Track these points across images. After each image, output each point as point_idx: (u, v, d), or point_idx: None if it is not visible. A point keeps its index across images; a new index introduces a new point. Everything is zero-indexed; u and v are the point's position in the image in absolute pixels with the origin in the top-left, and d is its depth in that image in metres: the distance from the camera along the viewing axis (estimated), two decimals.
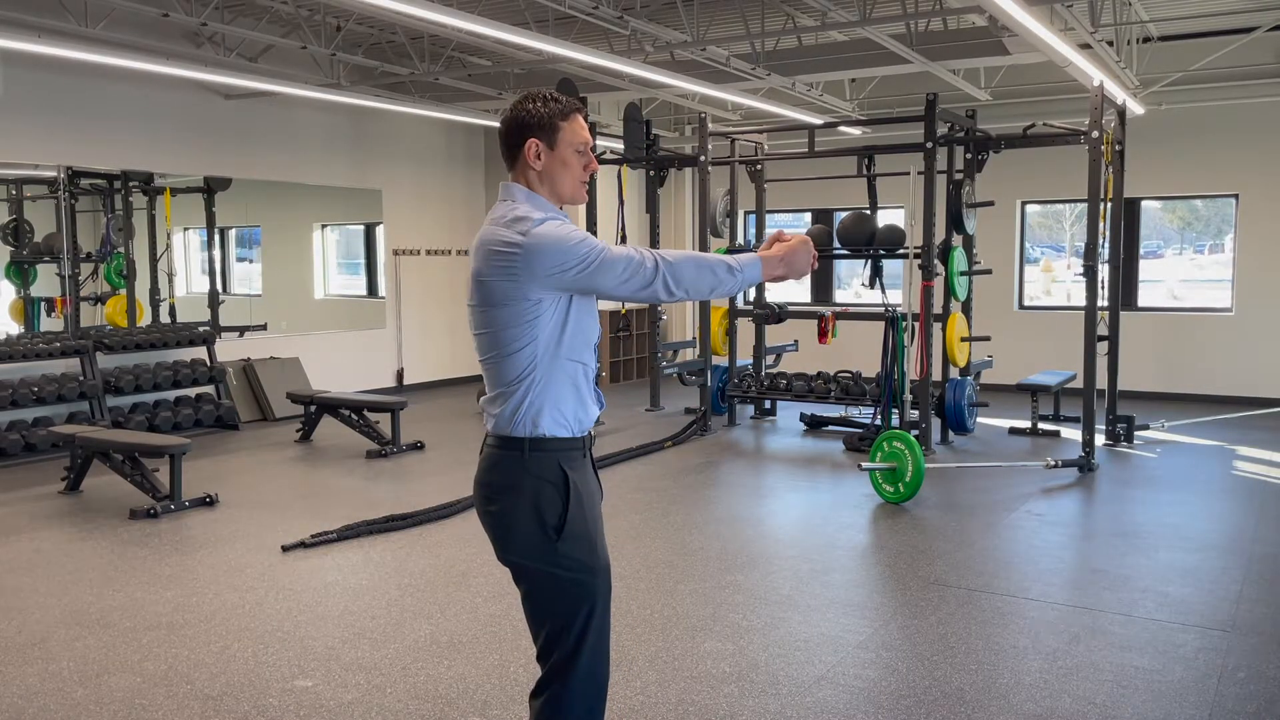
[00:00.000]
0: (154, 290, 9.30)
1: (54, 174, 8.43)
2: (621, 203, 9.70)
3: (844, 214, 9.36)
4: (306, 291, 11.21)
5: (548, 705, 2.22)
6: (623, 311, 11.90)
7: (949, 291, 7.96)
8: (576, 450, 2.24)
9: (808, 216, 12.54)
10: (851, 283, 12.27)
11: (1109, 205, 7.28)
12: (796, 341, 10.38)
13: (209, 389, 9.07)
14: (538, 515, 2.18)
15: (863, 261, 8.48)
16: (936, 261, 7.70)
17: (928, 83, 8.99)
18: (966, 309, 8.48)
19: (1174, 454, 7.68)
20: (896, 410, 7.69)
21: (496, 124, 11.46)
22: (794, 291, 12.91)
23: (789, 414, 9.46)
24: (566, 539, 2.17)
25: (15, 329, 8.53)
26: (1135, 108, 8.86)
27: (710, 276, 2.16)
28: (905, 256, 7.71)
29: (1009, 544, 5.37)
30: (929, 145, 7.53)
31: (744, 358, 9.66)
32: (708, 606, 4.35)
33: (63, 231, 8.50)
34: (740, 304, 9.68)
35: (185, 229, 9.98)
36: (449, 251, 11.91)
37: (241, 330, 9.96)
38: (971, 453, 7.83)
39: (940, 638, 3.99)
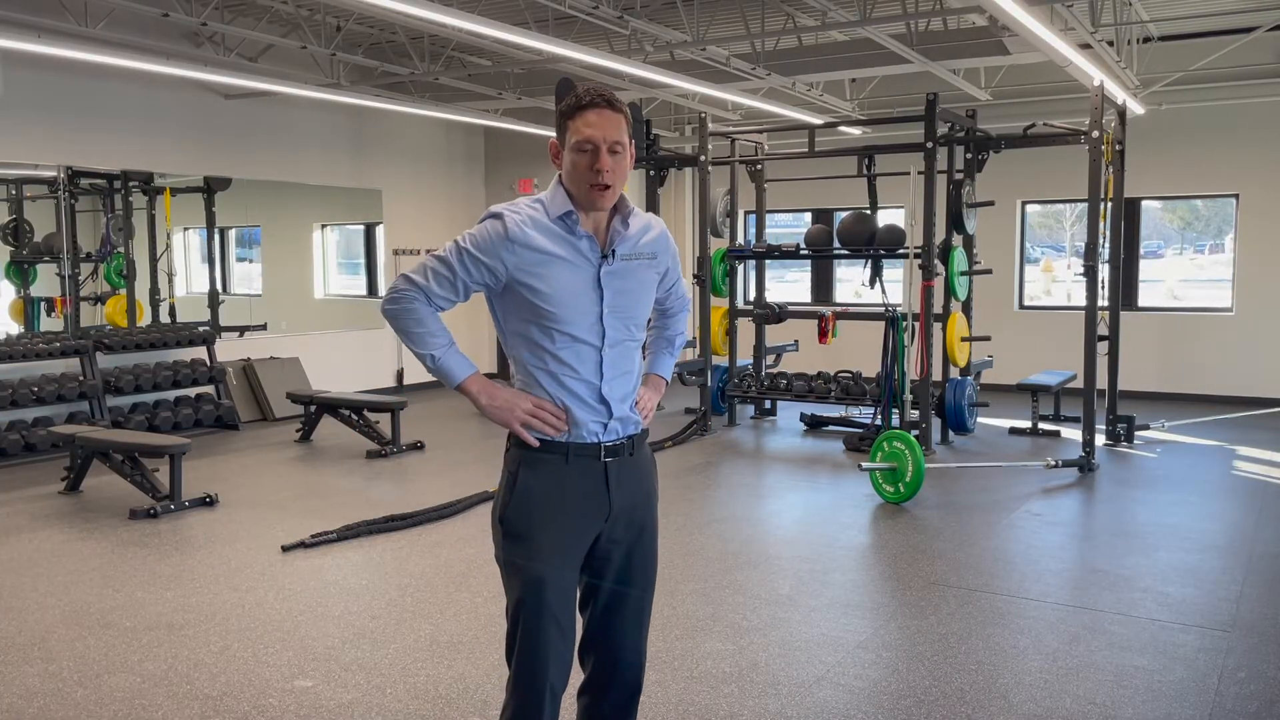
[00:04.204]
0: (154, 290, 9.30)
1: (54, 174, 8.44)
2: None
3: (844, 214, 9.36)
4: (306, 291, 11.22)
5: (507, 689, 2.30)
6: None
7: (949, 291, 7.96)
8: (553, 455, 2.22)
9: (808, 216, 12.54)
10: (851, 282, 12.27)
11: (1109, 205, 7.28)
12: (796, 341, 10.38)
13: (209, 389, 9.06)
14: (496, 499, 2.29)
15: (863, 261, 8.48)
16: (937, 261, 7.70)
17: (928, 83, 8.98)
18: (967, 309, 8.48)
19: (1174, 454, 7.68)
20: (896, 410, 7.69)
21: (496, 124, 11.40)
22: (794, 291, 12.92)
23: (789, 414, 9.46)
24: (506, 533, 2.24)
25: (15, 329, 8.53)
26: (1135, 108, 8.86)
27: (409, 340, 2.30)
28: (905, 256, 7.71)
29: (1009, 544, 5.37)
30: (929, 145, 7.53)
31: (744, 358, 9.65)
32: (708, 606, 4.35)
33: (63, 231, 8.50)
34: (740, 304, 9.68)
35: (185, 229, 9.98)
36: None
37: (241, 330, 9.96)
38: (971, 453, 7.83)
39: (940, 638, 3.99)
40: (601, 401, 2.23)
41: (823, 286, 12.45)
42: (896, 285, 8.93)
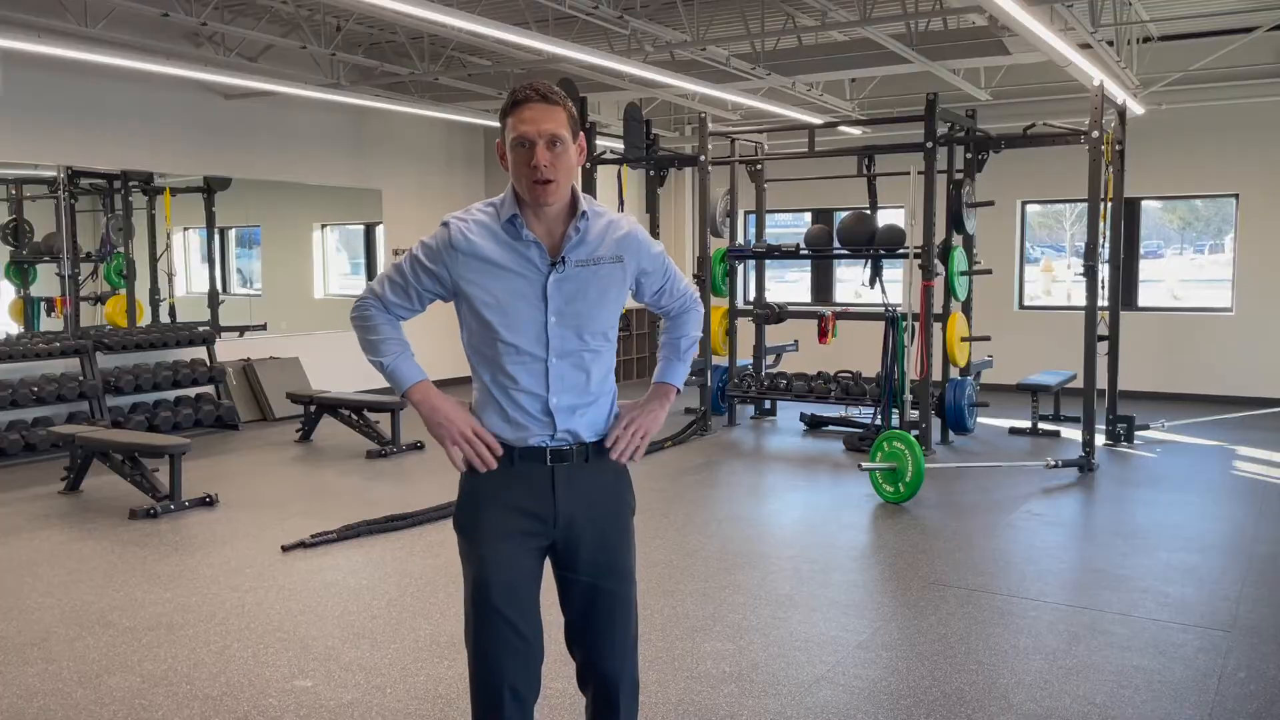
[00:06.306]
0: (154, 290, 9.30)
1: (54, 174, 8.44)
2: (621, 203, 9.69)
3: (844, 214, 9.36)
4: (306, 291, 11.21)
5: None
6: (623, 310, 11.90)
7: (949, 291, 7.95)
8: (500, 457, 2.20)
9: (808, 216, 12.54)
10: (851, 282, 12.27)
11: (1109, 205, 7.28)
12: (796, 341, 10.37)
13: (209, 389, 9.06)
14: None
15: (863, 261, 8.48)
16: (936, 261, 7.70)
17: (928, 83, 8.98)
18: (966, 309, 8.48)
19: (1174, 454, 7.68)
20: (896, 410, 7.69)
21: (497, 124, 11.45)
22: (794, 292, 12.92)
23: (789, 414, 9.46)
24: (458, 533, 2.29)
25: (15, 329, 8.53)
26: (1135, 108, 8.86)
27: (365, 348, 2.29)
28: (905, 256, 7.71)
29: (1009, 544, 5.37)
30: (929, 145, 7.53)
31: (744, 357, 9.65)
32: (708, 606, 4.35)
33: (63, 231, 8.50)
34: (740, 304, 9.67)
35: (185, 229, 9.98)
36: None
37: (241, 330, 9.96)
38: (971, 453, 7.83)
39: (940, 638, 3.99)
40: (547, 413, 2.18)
41: (823, 286, 12.46)
42: (896, 285, 8.92)
